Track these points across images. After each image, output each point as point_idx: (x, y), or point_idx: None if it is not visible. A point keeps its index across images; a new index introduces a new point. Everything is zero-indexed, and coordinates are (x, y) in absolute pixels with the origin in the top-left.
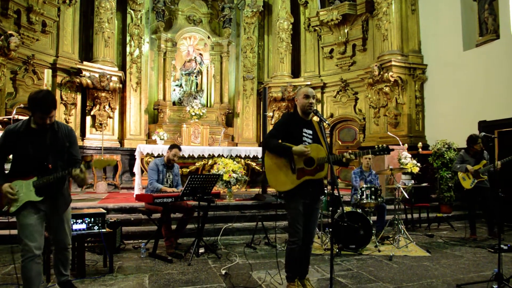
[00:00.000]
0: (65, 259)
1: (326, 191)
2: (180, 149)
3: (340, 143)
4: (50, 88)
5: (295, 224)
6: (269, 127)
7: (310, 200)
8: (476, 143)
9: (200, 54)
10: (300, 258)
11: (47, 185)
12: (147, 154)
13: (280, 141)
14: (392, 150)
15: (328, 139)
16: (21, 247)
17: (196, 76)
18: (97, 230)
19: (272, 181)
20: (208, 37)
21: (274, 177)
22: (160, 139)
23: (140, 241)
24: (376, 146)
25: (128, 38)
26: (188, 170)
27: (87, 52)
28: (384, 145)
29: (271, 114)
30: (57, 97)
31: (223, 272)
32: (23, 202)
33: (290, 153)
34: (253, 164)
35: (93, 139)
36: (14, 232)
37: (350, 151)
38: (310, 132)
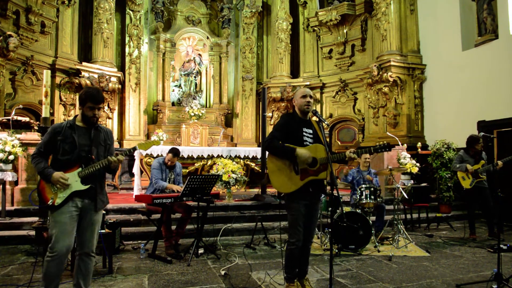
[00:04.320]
0: (86, 269)
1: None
2: (175, 155)
3: (339, 143)
4: (49, 89)
5: (296, 226)
6: (269, 128)
7: (310, 201)
8: (477, 143)
9: (199, 54)
10: (299, 259)
11: (91, 174)
12: (146, 154)
13: (280, 142)
14: (393, 146)
15: (328, 139)
16: (51, 244)
17: (195, 77)
18: None
19: (276, 183)
20: (207, 38)
21: (278, 179)
22: (159, 139)
23: (139, 241)
24: (377, 144)
25: (127, 38)
26: (187, 170)
27: (86, 53)
28: (385, 142)
29: (270, 114)
30: (56, 97)
31: (223, 272)
32: (70, 192)
33: (293, 155)
34: (253, 164)
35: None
36: (13, 232)
37: (352, 149)
38: (310, 131)
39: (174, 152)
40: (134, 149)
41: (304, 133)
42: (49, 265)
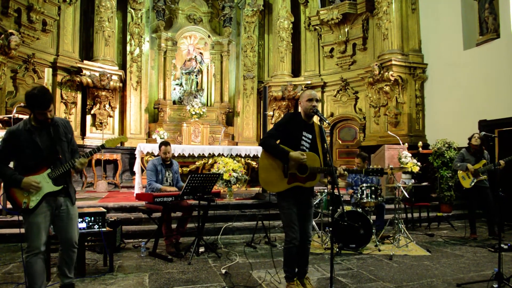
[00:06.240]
0: (70, 259)
1: (326, 190)
2: (167, 145)
3: (340, 142)
4: (50, 87)
5: (290, 224)
6: (269, 126)
7: (301, 199)
8: (472, 137)
9: (201, 53)
10: (298, 258)
11: (62, 174)
12: (148, 153)
13: (278, 141)
14: (385, 173)
15: (328, 139)
16: (27, 244)
17: (196, 75)
18: (97, 229)
19: (263, 180)
20: (209, 36)
21: (266, 176)
22: (160, 138)
23: (140, 240)
24: (370, 168)
25: (128, 37)
26: (188, 169)
27: (87, 51)
28: (379, 167)
29: (271, 113)
30: (57, 96)
31: (223, 271)
32: (43, 194)
33: (286, 158)
34: (253, 163)
35: (93, 138)
36: (14, 230)
37: (344, 167)
38: (310, 136)
39: (165, 143)
40: (103, 146)
41: (303, 137)
42: (31, 263)
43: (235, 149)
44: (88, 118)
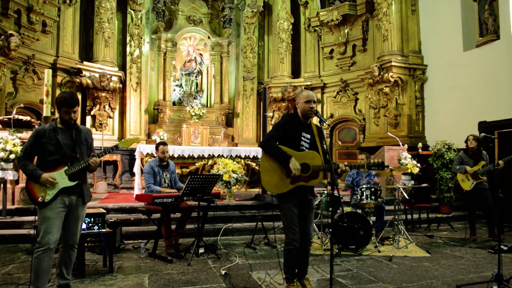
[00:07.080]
0: (69, 260)
1: (326, 192)
2: (165, 144)
3: (340, 143)
4: (50, 88)
5: (291, 225)
6: (269, 128)
7: (302, 201)
8: (467, 140)
9: (200, 54)
10: (298, 259)
11: (78, 171)
12: (147, 154)
13: (278, 143)
14: (387, 166)
15: (328, 140)
16: (38, 240)
17: (196, 76)
18: (97, 230)
19: (266, 182)
20: (208, 37)
21: (268, 178)
22: (160, 139)
23: (140, 241)
24: (371, 162)
25: (128, 38)
26: (188, 170)
27: (87, 52)
28: (380, 160)
29: (271, 114)
30: None
31: (223, 272)
32: (59, 189)
33: (287, 163)
34: (253, 164)
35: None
36: (14, 231)
37: (345, 162)
38: (309, 136)
39: (163, 142)
40: (117, 147)
41: (302, 137)
42: (39, 259)
43: (234, 150)
44: (88, 119)
